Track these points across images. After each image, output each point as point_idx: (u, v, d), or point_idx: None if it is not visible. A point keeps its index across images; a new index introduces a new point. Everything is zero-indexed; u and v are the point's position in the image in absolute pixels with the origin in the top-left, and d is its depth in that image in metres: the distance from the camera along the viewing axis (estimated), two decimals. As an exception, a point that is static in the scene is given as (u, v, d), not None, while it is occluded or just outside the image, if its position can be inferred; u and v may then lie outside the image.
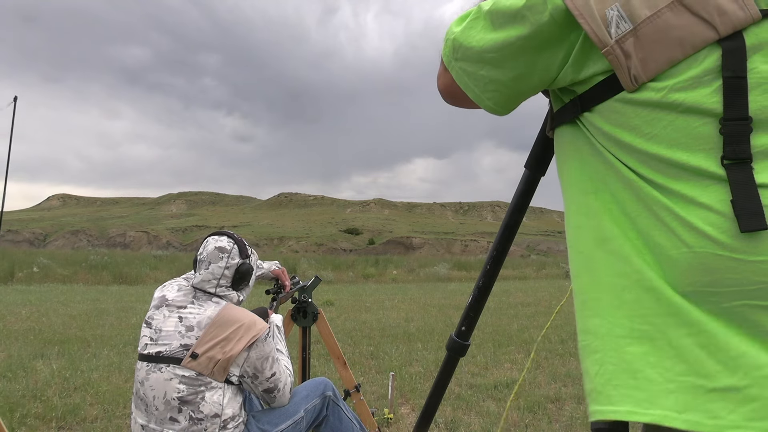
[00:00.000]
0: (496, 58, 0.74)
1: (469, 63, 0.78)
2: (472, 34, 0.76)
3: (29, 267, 13.23)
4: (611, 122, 0.67)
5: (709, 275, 0.58)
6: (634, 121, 0.65)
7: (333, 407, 1.93)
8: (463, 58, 0.78)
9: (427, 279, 16.14)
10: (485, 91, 0.79)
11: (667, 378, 0.58)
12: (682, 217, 0.60)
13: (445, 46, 0.82)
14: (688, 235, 0.59)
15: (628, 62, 0.63)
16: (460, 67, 0.79)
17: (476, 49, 0.76)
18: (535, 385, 3.74)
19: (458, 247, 59.56)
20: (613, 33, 0.63)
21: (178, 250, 48.23)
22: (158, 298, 1.67)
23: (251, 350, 1.57)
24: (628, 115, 0.65)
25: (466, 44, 0.77)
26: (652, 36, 0.61)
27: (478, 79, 0.78)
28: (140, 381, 1.56)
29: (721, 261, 0.57)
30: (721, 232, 0.57)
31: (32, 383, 3.57)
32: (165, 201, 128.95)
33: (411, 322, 6.76)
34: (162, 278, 13.52)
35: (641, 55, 0.62)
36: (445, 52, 0.82)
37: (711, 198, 0.59)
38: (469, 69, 0.78)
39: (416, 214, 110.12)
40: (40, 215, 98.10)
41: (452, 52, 0.80)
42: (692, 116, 0.61)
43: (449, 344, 1.28)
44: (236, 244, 1.70)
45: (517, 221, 1.14)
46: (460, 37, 0.78)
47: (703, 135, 0.60)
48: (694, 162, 0.60)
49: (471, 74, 0.78)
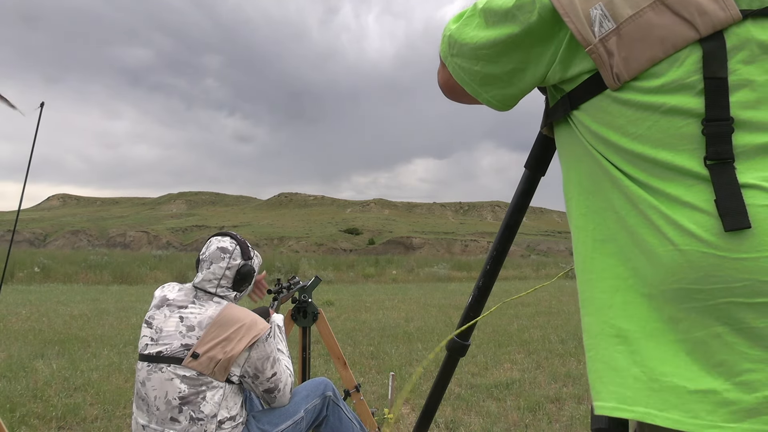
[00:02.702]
0: (489, 54, 0.77)
1: (465, 59, 0.80)
2: (467, 31, 0.79)
3: (29, 267, 13.22)
4: (598, 121, 0.68)
5: (695, 272, 0.59)
6: (619, 121, 0.66)
7: (333, 407, 1.93)
8: (459, 54, 0.81)
9: (427, 279, 16.14)
10: (482, 85, 0.81)
11: (651, 377, 0.60)
12: (668, 216, 0.61)
13: (443, 42, 0.85)
14: (675, 233, 0.60)
15: (611, 60, 0.64)
16: (456, 63, 0.82)
17: (470, 46, 0.78)
18: (535, 385, 3.74)
19: (458, 247, 59.55)
20: (597, 32, 0.64)
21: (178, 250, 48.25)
22: (159, 298, 1.67)
23: (252, 350, 1.57)
24: (613, 114, 0.66)
25: (461, 41, 0.80)
26: (634, 35, 0.62)
27: (474, 74, 0.80)
28: (141, 381, 1.56)
29: (706, 259, 0.58)
30: (706, 231, 0.58)
31: (32, 383, 3.57)
32: (165, 201, 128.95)
33: (411, 322, 6.77)
34: (162, 278, 13.52)
35: (624, 54, 0.63)
36: (443, 48, 0.85)
37: (696, 197, 0.60)
38: (464, 65, 0.81)
39: (416, 214, 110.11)
40: (40, 215, 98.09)
41: (449, 48, 0.83)
42: (675, 117, 0.61)
43: (449, 344, 1.28)
44: (239, 245, 1.70)
45: (517, 221, 1.14)
46: (456, 34, 0.81)
47: (686, 135, 0.61)
48: (678, 162, 0.61)
49: (466, 69, 0.81)
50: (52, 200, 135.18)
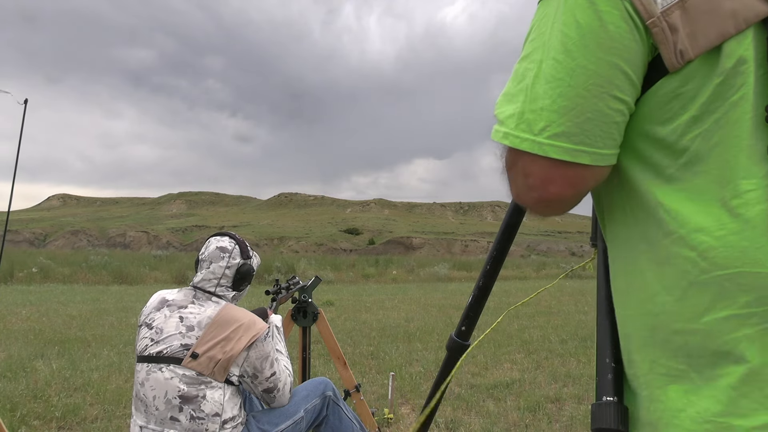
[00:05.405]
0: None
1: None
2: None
3: (29, 267, 13.23)
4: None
5: (747, 294, 0.53)
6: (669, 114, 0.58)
7: (333, 407, 1.93)
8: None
9: (427, 279, 16.15)
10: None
11: (705, 418, 0.55)
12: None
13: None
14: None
15: (675, 36, 0.55)
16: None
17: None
18: (535, 385, 3.74)
19: (458, 247, 59.56)
20: (660, 3, 0.56)
21: (178, 250, 48.25)
22: (157, 301, 1.67)
23: (251, 350, 1.57)
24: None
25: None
26: (701, 7, 0.55)
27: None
28: (140, 382, 1.56)
29: (761, 278, 0.52)
30: (758, 248, 0.52)
31: (32, 383, 3.57)
32: (165, 201, 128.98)
33: (411, 322, 6.77)
34: (162, 278, 13.52)
35: (688, 30, 0.55)
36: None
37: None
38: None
39: (416, 214, 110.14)
40: (40, 215, 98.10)
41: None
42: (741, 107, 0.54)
43: (449, 344, 1.28)
44: (238, 245, 1.71)
45: (517, 221, 1.14)
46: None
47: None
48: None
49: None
50: (52, 200, 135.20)
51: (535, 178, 0.57)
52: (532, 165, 0.57)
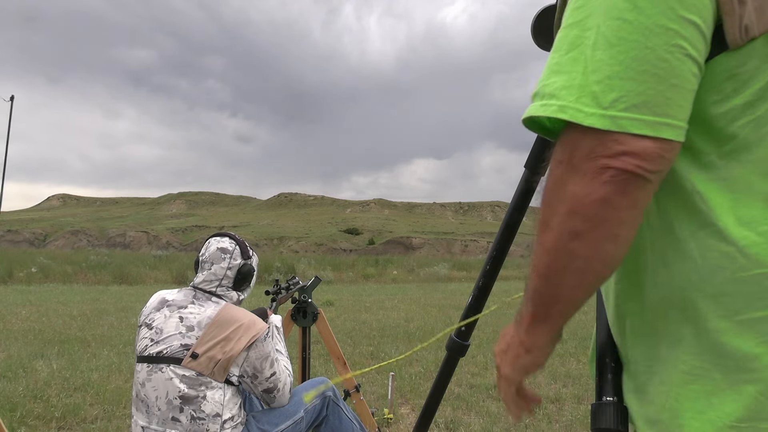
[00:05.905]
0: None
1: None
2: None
3: (29, 267, 13.23)
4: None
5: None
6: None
7: (333, 407, 1.93)
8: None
9: (427, 279, 16.15)
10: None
11: (727, 423, 0.52)
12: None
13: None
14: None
15: (741, 9, 0.48)
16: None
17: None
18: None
19: (458, 247, 59.54)
20: None
21: (178, 250, 48.24)
22: (157, 302, 1.67)
23: (251, 350, 1.57)
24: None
25: None
26: None
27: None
28: (141, 383, 1.56)
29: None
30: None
31: (32, 383, 3.57)
32: (165, 201, 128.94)
33: (411, 322, 6.77)
34: (162, 278, 13.52)
35: (758, 3, 0.48)
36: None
37: None
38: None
39: (416, 214, 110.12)
40: (40, 215, 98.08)
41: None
42: None
43: (449, 344, 1.28)
44: (238, 245, 1.71)
45: (517, 221, 1.14)
46: None
47: None
48: None
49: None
50: (52, 200, 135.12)
51: (605, 159, 0.47)
52: (599, 145, 0.47)
